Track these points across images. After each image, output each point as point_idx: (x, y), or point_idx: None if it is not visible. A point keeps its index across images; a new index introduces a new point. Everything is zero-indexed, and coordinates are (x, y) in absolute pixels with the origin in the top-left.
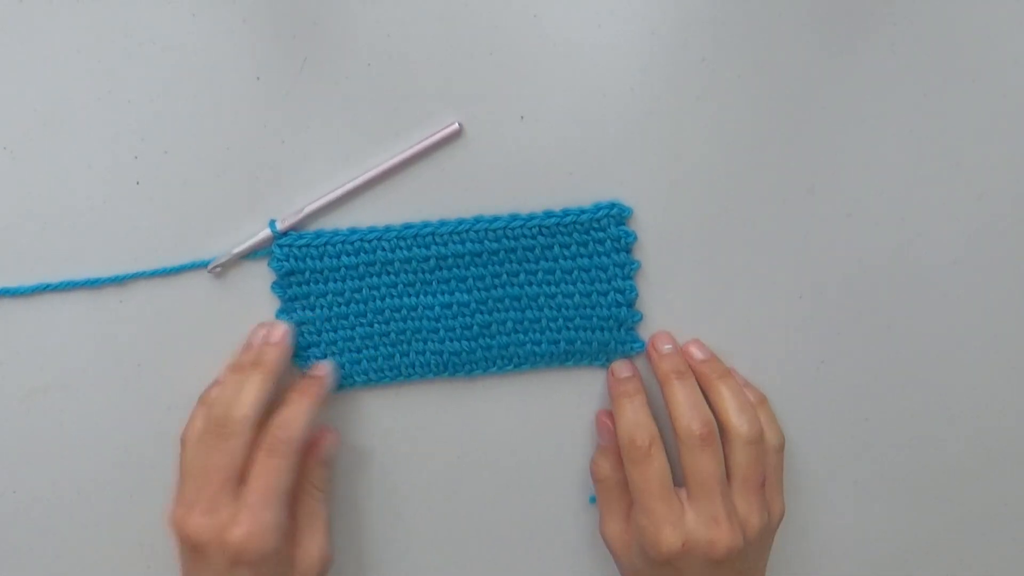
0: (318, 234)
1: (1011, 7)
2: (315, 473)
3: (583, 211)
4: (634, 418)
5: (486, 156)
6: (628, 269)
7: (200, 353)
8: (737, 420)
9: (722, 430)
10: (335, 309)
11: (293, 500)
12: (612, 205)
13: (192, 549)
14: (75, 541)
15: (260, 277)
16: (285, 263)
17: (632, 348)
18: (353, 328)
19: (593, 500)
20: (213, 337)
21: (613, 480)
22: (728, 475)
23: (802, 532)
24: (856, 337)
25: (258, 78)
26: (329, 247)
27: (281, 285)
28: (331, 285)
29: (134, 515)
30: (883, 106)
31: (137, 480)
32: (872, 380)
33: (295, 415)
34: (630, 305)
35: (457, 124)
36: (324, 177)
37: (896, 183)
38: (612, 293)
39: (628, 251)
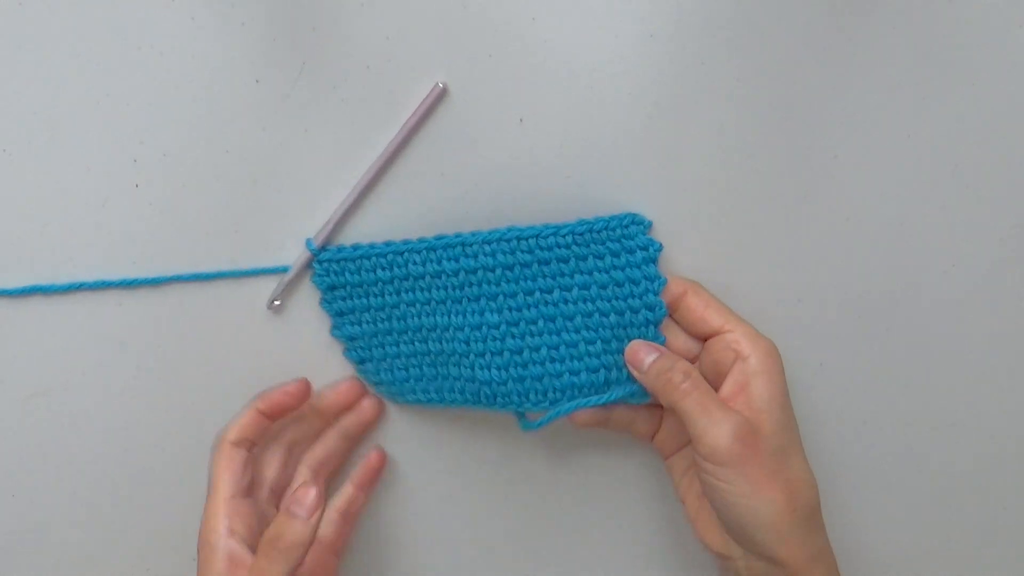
0: (355, 247)
1: (1009, 10)
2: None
3: (613, 218)
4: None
5: (486, 157)
6: (658, 284)
7: (199, 357)
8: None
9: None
10: (379, 324)
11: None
12: (634, 216)
13: None
14: (74, 545)
15: (255, 285)
16: (327, 278)
17: None
18: (397, 345)
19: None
20: (212, 341)
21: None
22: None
23: None
24: (855, 340)
25: (257, 81)
26: (364, 261)
27: (328, 301)
28: (372, 300)
29: (134, 519)
30: (882, 109)
31: (136, 483)
32: (871, 383)
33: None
34: (657, 324)
35: (441, 84)
36: (324, 179)
37: (895, 186)
38: (643, 311)
39: (655, 263)
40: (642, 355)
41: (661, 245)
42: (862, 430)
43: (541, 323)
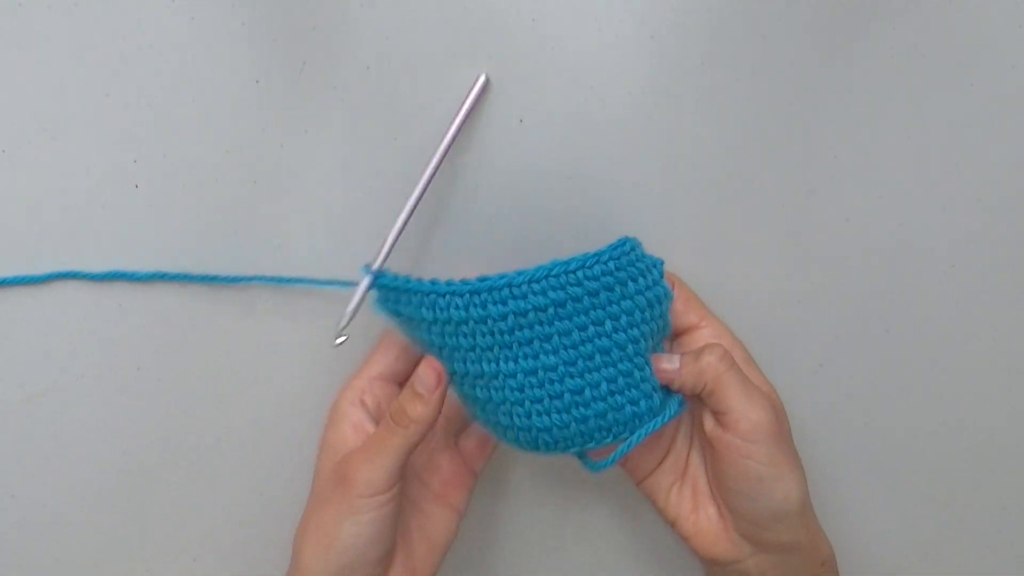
0: (407, 280)
1: (1008, 11)
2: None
3: (627, 240)
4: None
5: (485, 158)
6: (668, 301)
7: (199, 357)
8: None
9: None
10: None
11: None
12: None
13: None
14: (74, 545)
15: (256, 285)
16: (386, 304)
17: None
18: (450, 385)
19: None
20: (211, 340)
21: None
22: None
23: None
24: (855, 340)
25: (257, 82)
26: (413, 296)
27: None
28: (420, 335)
29: (134, 519)
30: (882, 109)
31: (136, 484)
32: (871, 383)
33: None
34: (664, 339)
35: (484, 76)
36: (324, 180)
37: (894, 186)
38: (661, 330)
39: (663, 277)
40: (664, 362)
41: (663, 260)
42: (862, 430)
43: (598, 357)
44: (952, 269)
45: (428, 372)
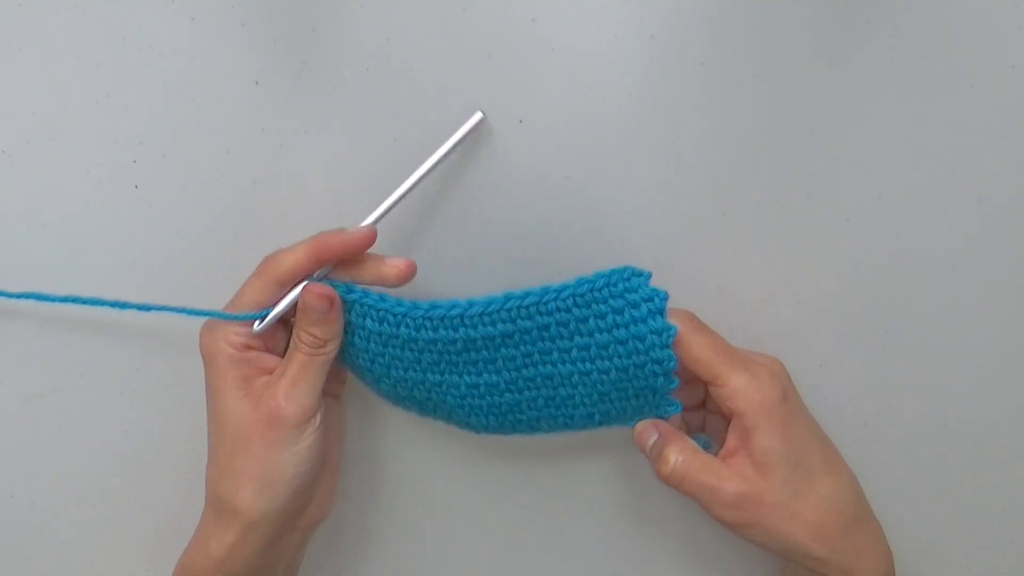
0: (348, 288)
1: (1008, 12)
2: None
3: (613, 273)
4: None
5: (485, 158)
6: (666, 336)
7: (198, 357)
8: None
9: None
10: (359, 361)
11: None
12: (625, 269)
13: None
14: (73, 545)
15: None
16: None
17: (666, 411)
18: (377, 383)
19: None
20: None
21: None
22: None
23: None
24: (855, 341)
25: (257, 82)
26: (357, 306)
27: None
28: (356, 340)
29: (134, 519)
30: (881, 111)
31: (136, 483)
32: (871, 383)
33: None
34: (667, 375)
35: (481, 113)
36: (323, 181)
37: (894, 188)
38: (650, 364)
39: (662, 313)
40: (644, 439)
41: (667, 294)
42: (862, 430)
43: (539, 380)
44: (952, 269)
45: (316, 301)
